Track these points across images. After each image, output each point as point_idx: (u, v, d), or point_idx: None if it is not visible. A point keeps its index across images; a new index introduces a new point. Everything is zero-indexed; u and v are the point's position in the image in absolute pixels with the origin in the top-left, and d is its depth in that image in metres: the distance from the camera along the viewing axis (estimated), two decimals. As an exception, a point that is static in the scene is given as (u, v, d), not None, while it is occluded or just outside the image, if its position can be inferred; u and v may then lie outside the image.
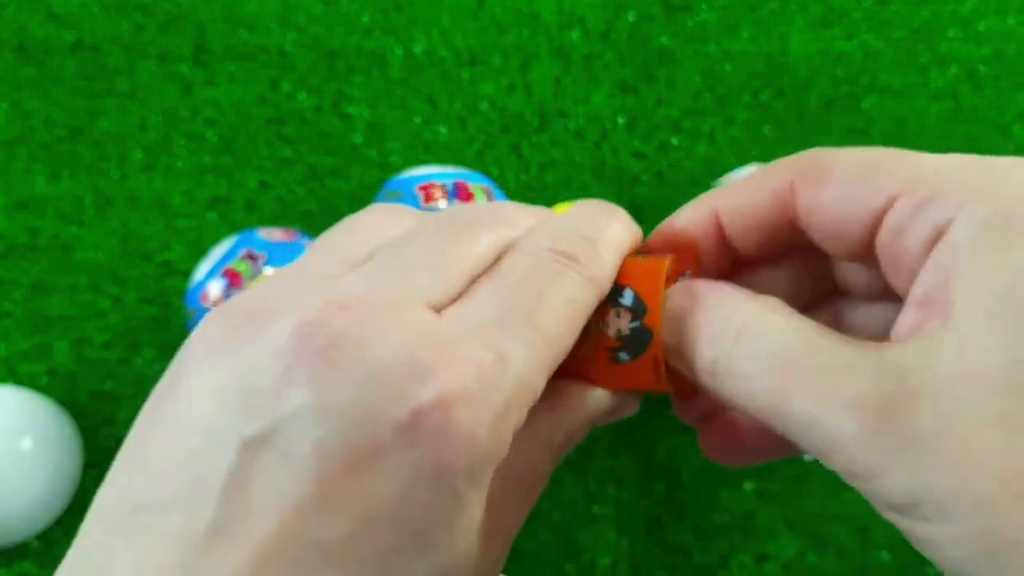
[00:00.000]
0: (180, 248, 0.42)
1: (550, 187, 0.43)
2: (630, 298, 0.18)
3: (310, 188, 0.43)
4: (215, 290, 0.34)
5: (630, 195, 0.43)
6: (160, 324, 0.41)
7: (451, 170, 0.38)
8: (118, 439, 0.39)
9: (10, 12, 0.45)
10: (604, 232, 0.18)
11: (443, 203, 0.36)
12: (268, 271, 0.34)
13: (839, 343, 0.16)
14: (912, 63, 0.45)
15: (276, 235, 0.36)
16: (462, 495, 0.15)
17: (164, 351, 0.40)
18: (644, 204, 0.43)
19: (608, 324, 0.18)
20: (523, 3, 0.46)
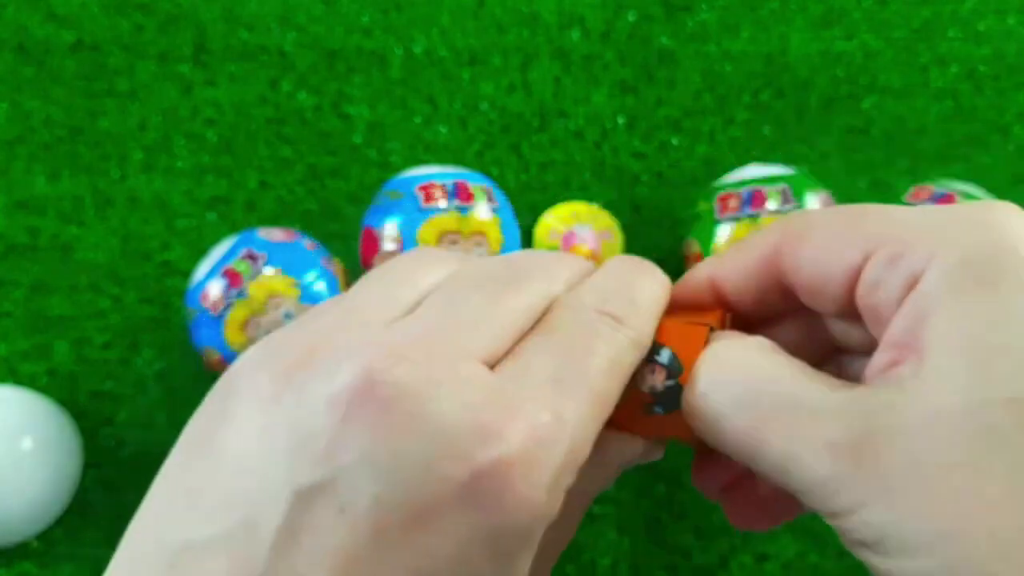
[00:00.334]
0: (180, 248, 0.42)
1: (550, 187, 0.43)
2: (667, 357, 0.19)
3: (310, 188, 0.43)
4: (215, 290, 0.34)
5: (630, 195, 0.43)
6: (160, 324, 0.41)
7: (451, 170, 0.38)
8: (118, 439, 0.39)
9: (10, 12, 0.45)
10: (644, 292, 0.19)
11: (443, 203, 0.36)
12: (268, 271, 0.34)
13: (815, 384, 0.16)
14: (912, 63, 0.45)
15: (276, 235, 0.36)
16: (515, 556, 0.15)
17: (164, 351, 0.40)
18: (644, 204, 0.43)
19: (643, 379, 0.19)
20: (523, 3, 0.46)
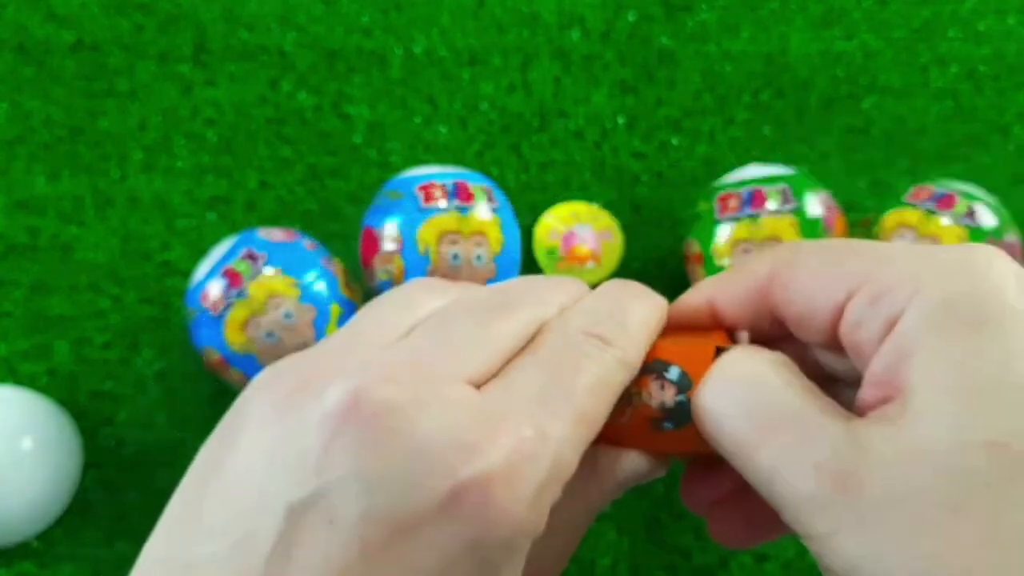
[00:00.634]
0: (180, 248, 0.42)
1: (550, 187, 0.43)
2: (676, 374, 0.19)
3: (310, 188, 0.43)
4: (215, 290, 0.34)
5: (630, 195, 0.43)
6: (160, 324, 0.41)
7: (451, 170, 0.38)
8: (118, 439, 0.39)
9: (10, 12, 0.45)
10: (634, 315, 0.19)
11: (443, 203, 0.36)
12: (268, 271, 0.34)
13: (817, 406, 0.17)
14: (912, 63, 0.45)
15: (276, 235, 0.36)
16: (500, 566, 0.15)
17: (164, 351, 0.40)
18: (644, 204, 0.43)
19: (651, 395, 0.19)
20: (523, 3, 0.46)
